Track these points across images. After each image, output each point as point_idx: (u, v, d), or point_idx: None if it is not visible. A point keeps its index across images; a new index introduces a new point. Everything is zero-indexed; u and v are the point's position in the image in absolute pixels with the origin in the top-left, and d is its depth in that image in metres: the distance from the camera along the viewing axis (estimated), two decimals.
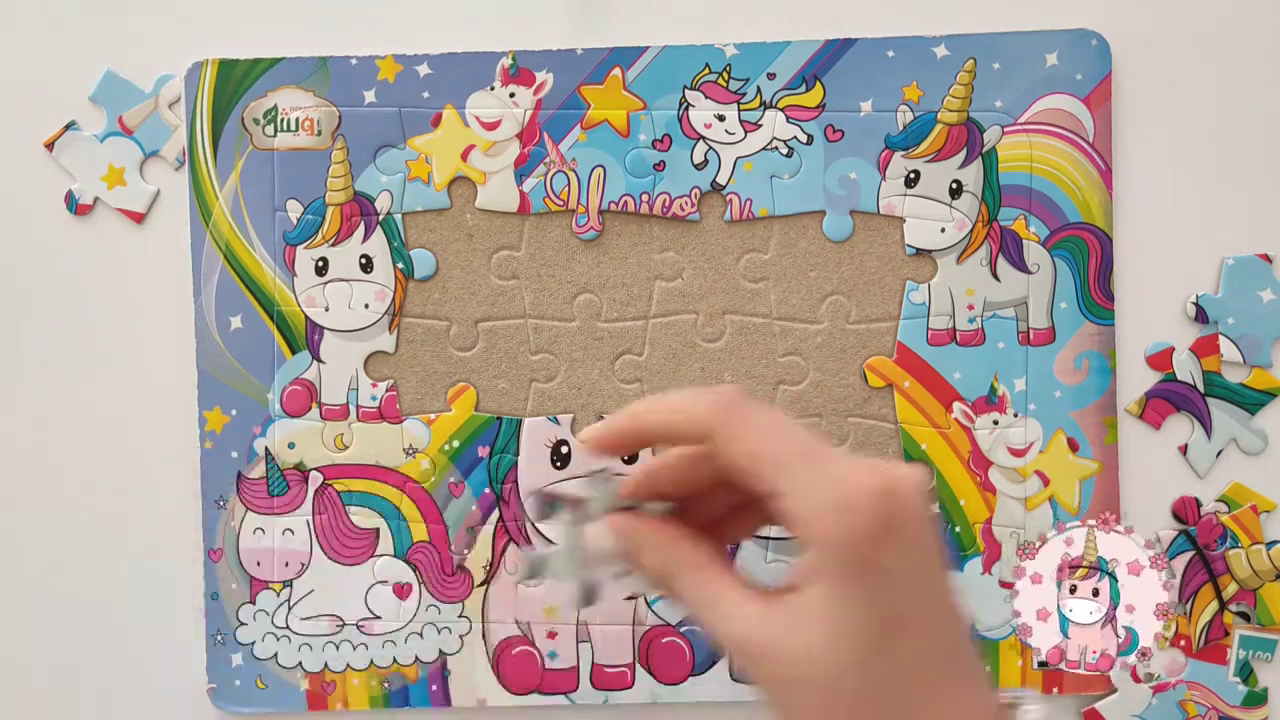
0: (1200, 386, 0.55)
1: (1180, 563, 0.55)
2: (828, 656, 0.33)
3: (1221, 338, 0.55)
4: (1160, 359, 0.55)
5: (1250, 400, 0.55)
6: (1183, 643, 0.55)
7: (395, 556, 0.56)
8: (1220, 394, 0.55)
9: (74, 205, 0.57)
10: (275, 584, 0.56)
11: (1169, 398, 0.55)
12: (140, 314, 0.57)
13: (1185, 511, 0.55)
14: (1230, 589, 0.55)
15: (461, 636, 0.56)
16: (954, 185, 0.55)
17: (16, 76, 0.57)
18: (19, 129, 0.57)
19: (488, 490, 0.56)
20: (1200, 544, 0.55)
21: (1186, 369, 0.55)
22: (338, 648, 0.56)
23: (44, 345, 0.57)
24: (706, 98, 0.55)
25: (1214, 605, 0.55)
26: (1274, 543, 0.55)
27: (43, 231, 0.57)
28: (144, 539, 0.57)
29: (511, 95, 0.55)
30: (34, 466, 0.57)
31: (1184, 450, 0.55)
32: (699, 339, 0.56)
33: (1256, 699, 0.55)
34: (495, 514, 0.56)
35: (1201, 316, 0.55)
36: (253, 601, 0.56)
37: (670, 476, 0.38)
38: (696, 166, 0.55)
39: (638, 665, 0.56)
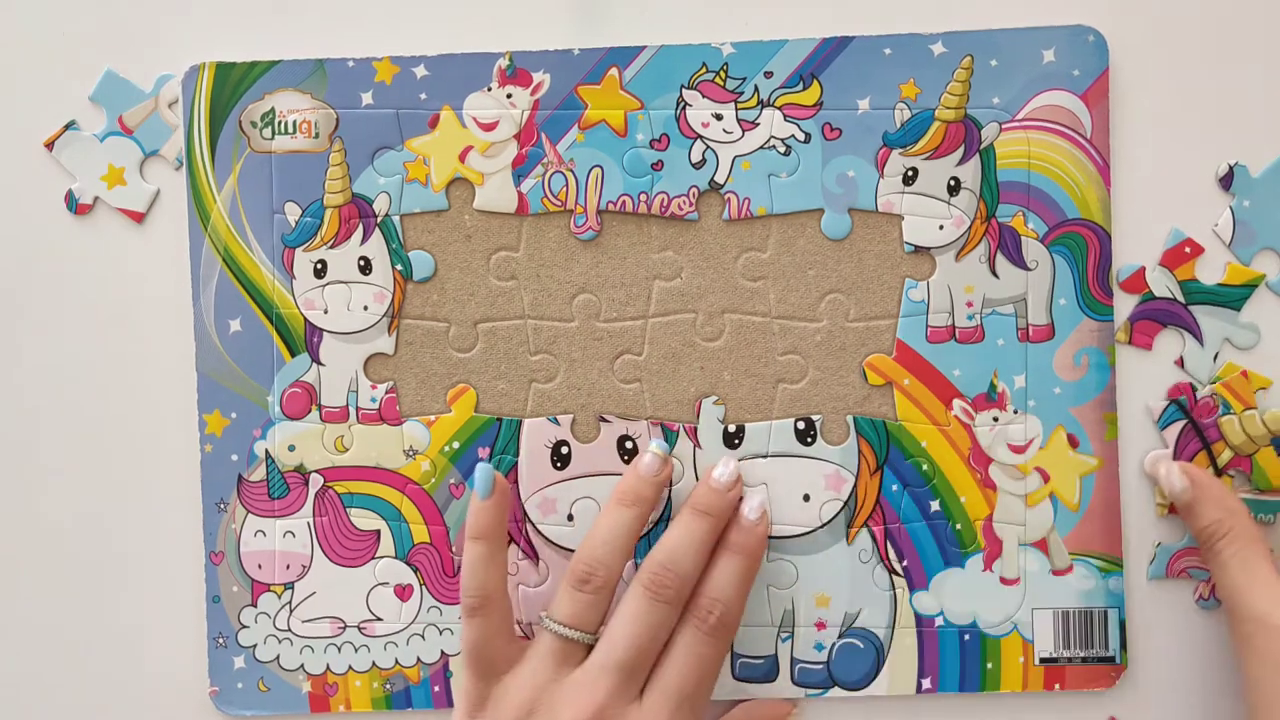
0: (1180, 297, 0.55)
1: (1172, 433, 0.55)
2: None
3: (1229, 210, 0.55)
4: (1134, 281, 0.55)
5: (1233, 298, 0.55)
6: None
7: (396, 558, 0.56)
8: (1201, 299, 0.55)
9: (74, 205, 0.57)
10: (276, 586, 0.56)
11: (1153, 316, 0.55)
12: (140, 316, 0.57)
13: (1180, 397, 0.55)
14: (1225, 456, 0.55)
15: (462, 637, 0.56)
16: (952, 182, 0.55)
17: (16, 76, 0.57)
18: (19, 129, 0.57)
19: None
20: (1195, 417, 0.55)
21: (1162, 284, 0.55)
22: (339, 650, 0.56)
23: (43, 346, 0.57)
24: (704, 97, 0.55)
25: (1210, 472, 0.55)
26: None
27: (43, 231, 0.57)
28: (144, 542, 0.57)
29: (509, 96, 0.55)
30: (33, 469, 0.57)
31: (1181, 363, 0.55)
32: (698, 338, 0.56)
33: None
34: None
35: (1228, 182, 0.55)
36: (254, 604, 0.56)
37: None
38: (694, 166, 0.55)
39: None
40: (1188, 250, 0.55)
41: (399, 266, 0.56)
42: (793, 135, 0.55)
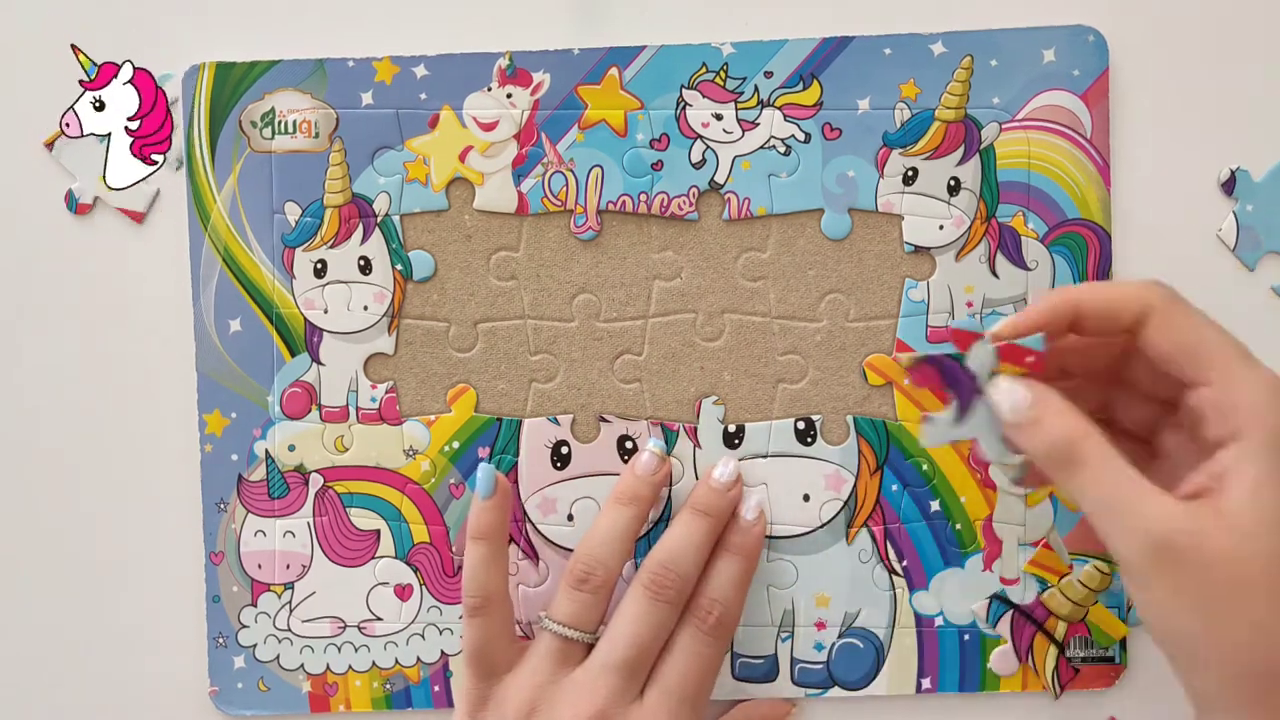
0: None
1: (1005, 626, 0.55)
2: (1267, 547, 0.33)
3: (1233, 215, 0.54)
4: None
5: None
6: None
7: (396, 558, 0.56)
8: None
9: (74, 205, 0.57)
10: (276, 586, 0.56)
11: None
12: (140, 316, 0.57)
13: None
14: (1060, 629, 0.55)
15: (463, 637, 0.56)
16: (952, 182, 0.55)
17: (16, 76, 0.57)
18: (19, 129, 0.57)
19: None
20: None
21: None
22: (339, 649, 0.56)
23: (43, 346, 0.57)
24: (704, 97, 0.55)
25: (1053, 650, 0.55)
26: (1075, 556, 0.55)
27: (43, 231, 0.57)
28: (144, 542, 0.57)
29: (509, 96, 0.55)
30: (32, 469, 0.57)
31: None
32: (698, 338, 0.56)
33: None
34: None
35: (1230, 187, 0.55)
36: (254, 604, 0.56)
37: (1079, 357, 0.41)
38: (694, 166, 0.55)
39: None
40: None
41: (399, 266, 0.56)
42: (793, 135, 0.55)
